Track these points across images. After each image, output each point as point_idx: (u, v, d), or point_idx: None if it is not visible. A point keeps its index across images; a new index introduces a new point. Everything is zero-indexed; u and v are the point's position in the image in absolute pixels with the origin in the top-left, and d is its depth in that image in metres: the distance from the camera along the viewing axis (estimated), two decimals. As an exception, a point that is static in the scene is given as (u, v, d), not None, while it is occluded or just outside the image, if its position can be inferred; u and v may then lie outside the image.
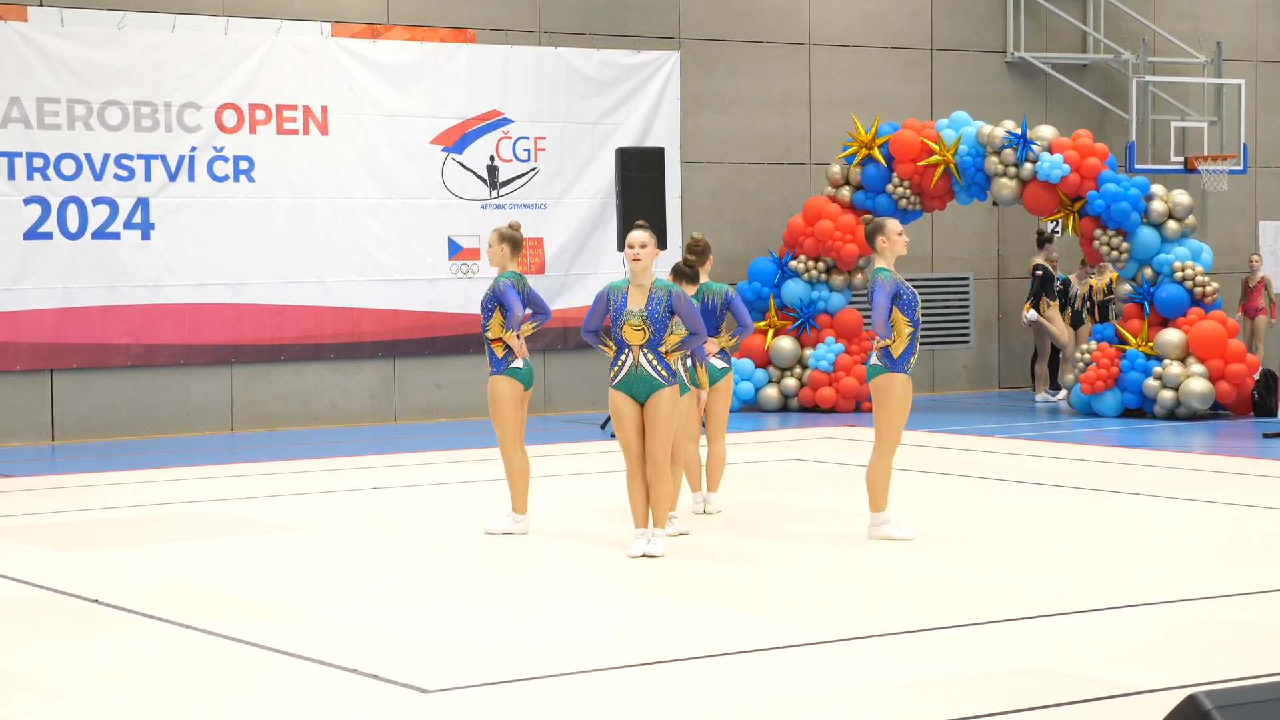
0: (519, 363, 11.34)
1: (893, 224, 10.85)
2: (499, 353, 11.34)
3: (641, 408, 10.47)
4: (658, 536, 10.52)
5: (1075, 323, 21.68)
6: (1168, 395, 18.82)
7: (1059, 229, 20.34)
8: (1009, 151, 19.54)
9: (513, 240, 11.48)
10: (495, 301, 11.33)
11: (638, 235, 10.52)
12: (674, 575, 9.98)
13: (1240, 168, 23.40)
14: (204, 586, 9.79)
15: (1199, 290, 19.02)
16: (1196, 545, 10.83)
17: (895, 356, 10.82)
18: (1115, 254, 19.28)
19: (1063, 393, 21.30)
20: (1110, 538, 11.09)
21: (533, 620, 8.85)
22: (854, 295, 21.01)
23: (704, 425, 12.08)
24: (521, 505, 11.43)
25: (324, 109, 19.39)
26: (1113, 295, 20.86)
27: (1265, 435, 17.41)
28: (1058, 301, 21.29)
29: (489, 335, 11.36)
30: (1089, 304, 21.68)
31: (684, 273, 11.79)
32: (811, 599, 9.36)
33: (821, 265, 20.53)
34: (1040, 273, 21.09)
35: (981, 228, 23.33)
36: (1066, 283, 21.70)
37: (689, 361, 11.50)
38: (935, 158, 19.90)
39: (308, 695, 7.34)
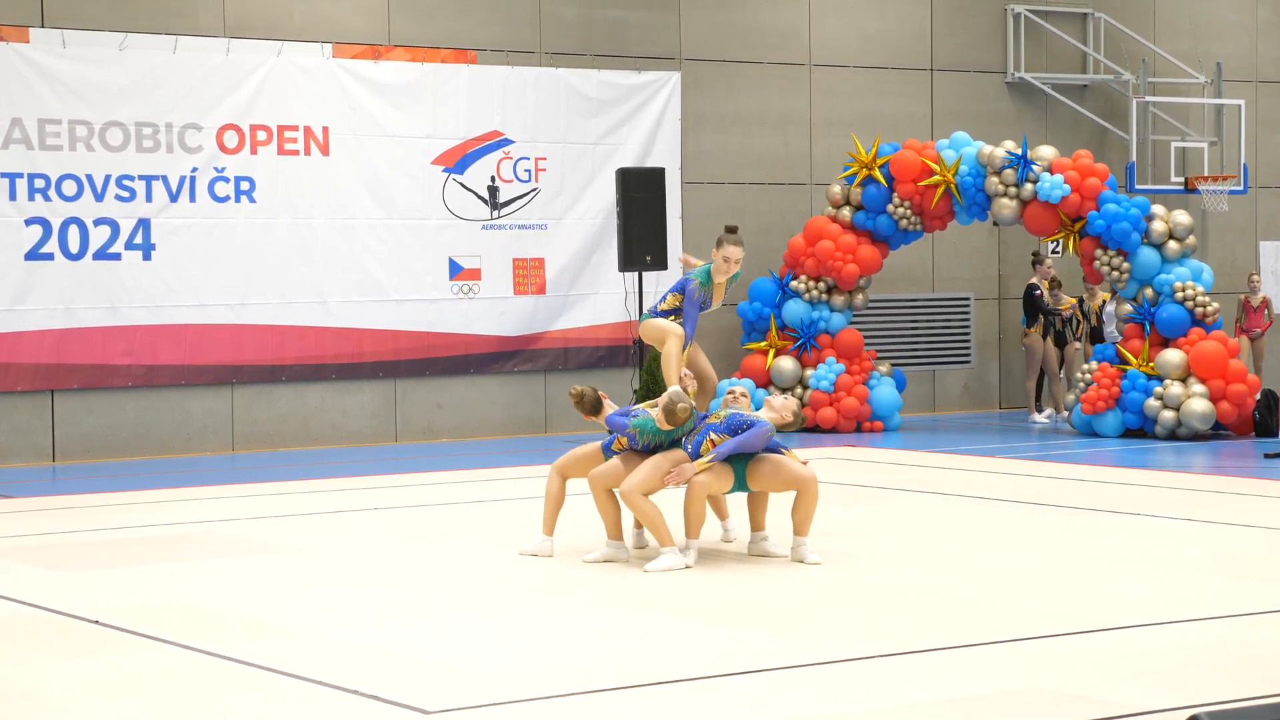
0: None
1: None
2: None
3: None
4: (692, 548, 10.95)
5: (1094, 339, 21.69)
6: (1169, 415, 18.82)
7: (1058, 249, 20.35)
8: (1009, 172, 19.57)
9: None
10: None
11: None
12: (677, 595, 9.97)
13: (1240, 188, 23.42)
14: (204, 607, 9.78)
15: (1200, 310, 19.02)
16: (1198, 565, 10.82)
17: None
18: (1116, 274, 19.29)
19: (1048, 412, 21.35)
20: (1112, 557, 11.08)
21: (537, 640, 8.84)
22: (855, 315, 21.01)
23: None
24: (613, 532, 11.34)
25: (325, 129, 19.41)
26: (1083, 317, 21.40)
27: (1266, 455, 17.41)
28: (1041, 323, 21.32)
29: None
30: (1087, 324, 21.75)
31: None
32: (814, 619, 9.35)
33: (822, 285, 20.54)
34: (1038, 293, 21.15)
35: (982, 248, 23.35)
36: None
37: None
38: (936, 178, 19.92)
39: (309, 716, 7.33)
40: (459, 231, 20.14)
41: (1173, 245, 19.30)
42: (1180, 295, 19.05)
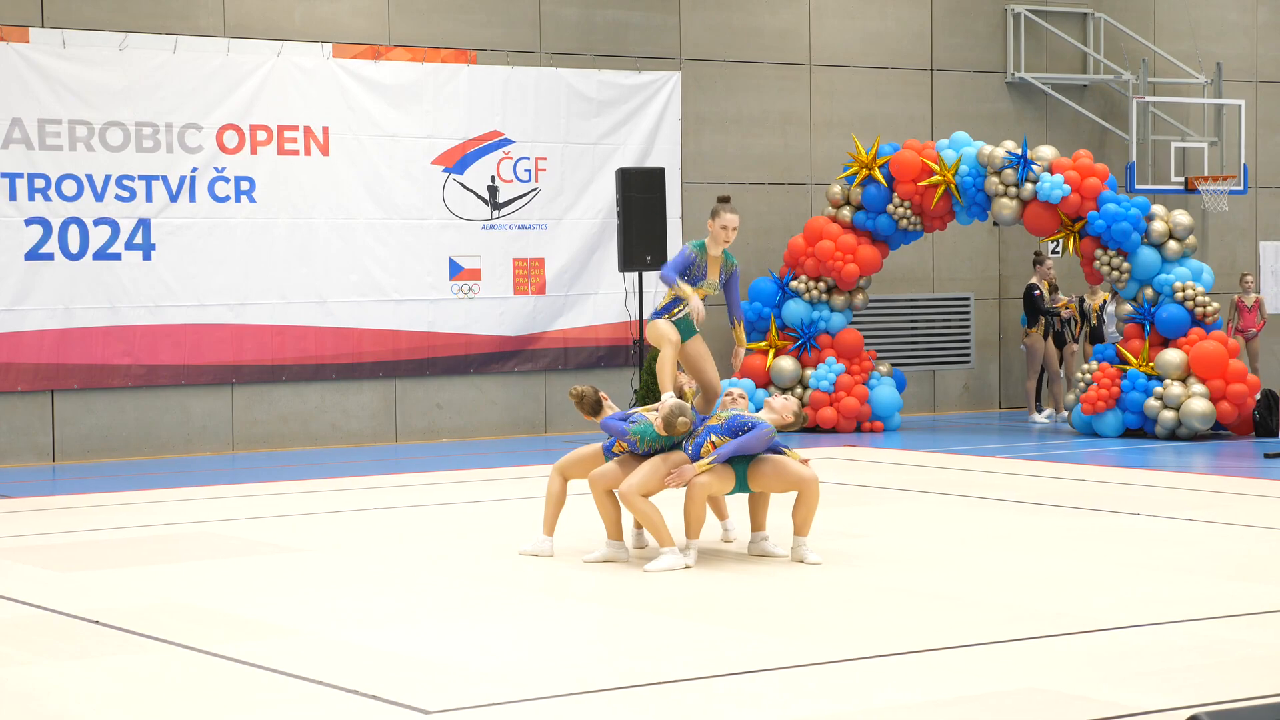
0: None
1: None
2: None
3: None
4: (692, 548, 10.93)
5: (1095, 338, 21.69)
6: (1169, 415, 18.82)
7: (1058, 249, 20.35)
8: (1009, 172, 19.56)
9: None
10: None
11: None
12: (675, 595, 9.97)
13: (1240, 188, 23.42)
14: (204, 607, 9.78)
15: (1200, 310, 19.03)
16: (1197, 565, 10.82)
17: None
18: (1116, 274, 19.29)
19: (1048, 412, 21.34)
20: (1111, 557, 11.08)
21: (536, 640, 8.84)
22: (855, 315, 21.01)
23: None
24: (613, 532, 11.31)
25: (325, 129, 19.41)
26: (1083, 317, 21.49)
27: (1266, 455, 17.41)
28: (1042, 323, 21.31)
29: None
30: (1088, 324, 21.75)
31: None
32: (815, 619, 9.35)
33: (822, 285, 20.54)
34: (1037, 293, 21.15)
35: (982, 248, 23.35)
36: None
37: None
38: (936, 178, 19.92)
39: (309, 716, 7.33)
40: (459, 231, 20.15)
41: (1173, 245, 19.31)
42: (1180, 295, 19.05)
